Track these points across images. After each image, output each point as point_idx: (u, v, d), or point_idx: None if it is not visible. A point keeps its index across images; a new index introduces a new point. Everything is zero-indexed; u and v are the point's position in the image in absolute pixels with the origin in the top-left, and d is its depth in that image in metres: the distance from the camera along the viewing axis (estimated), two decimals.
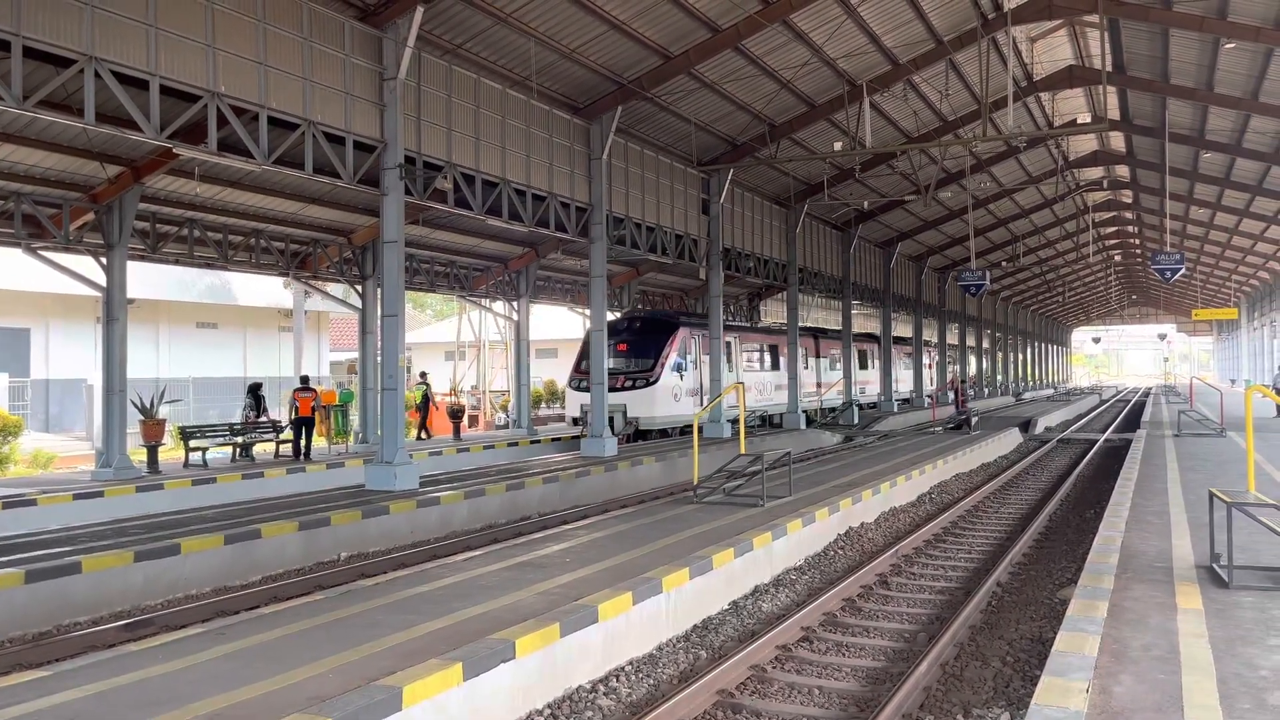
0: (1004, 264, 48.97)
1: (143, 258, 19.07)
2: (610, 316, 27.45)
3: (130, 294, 17.45)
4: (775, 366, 31.23)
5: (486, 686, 6.12)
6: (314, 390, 20.76)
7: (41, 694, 5.55)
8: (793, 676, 7.44)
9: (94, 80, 10.90)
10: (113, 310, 16.81)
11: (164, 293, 28.86)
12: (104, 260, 16.99)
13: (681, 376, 25.33)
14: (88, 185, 16.85)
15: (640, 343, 25.30)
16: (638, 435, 24.70)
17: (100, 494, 14.73)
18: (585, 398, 23.43)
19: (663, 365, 24.60)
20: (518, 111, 18.01)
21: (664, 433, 25.64)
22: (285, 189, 19.67)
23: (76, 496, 14.41)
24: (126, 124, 11.66)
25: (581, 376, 24.97)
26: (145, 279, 25.29)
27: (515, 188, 17.90)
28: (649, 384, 24.46)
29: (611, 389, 23.17)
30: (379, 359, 16.73)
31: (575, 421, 25.26)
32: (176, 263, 20.29)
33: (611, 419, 22.98)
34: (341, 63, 14.11)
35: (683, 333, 25.82)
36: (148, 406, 18.43)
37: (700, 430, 22.33)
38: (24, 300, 26.46)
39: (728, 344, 27.70)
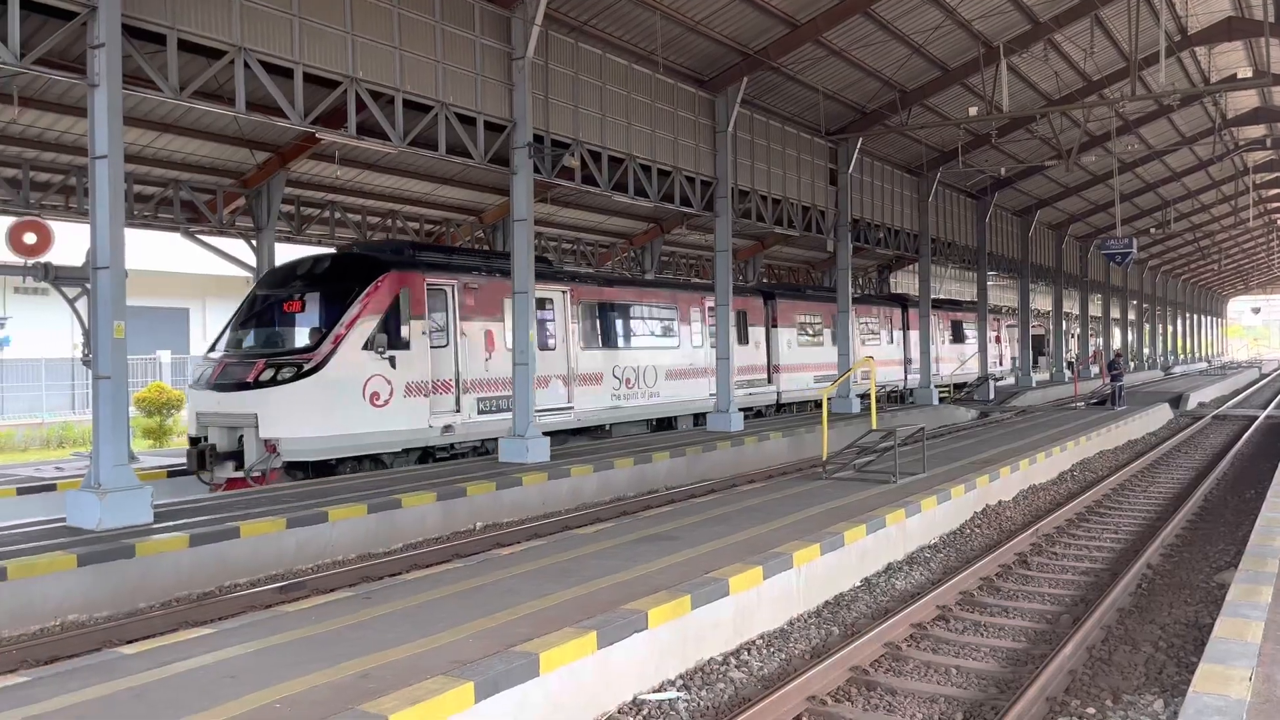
0: (1153, 231, 46.34)
1: (288, 239, 20.01)
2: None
3: None
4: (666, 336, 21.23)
5: (620, 655, 6.21)
6: None
7: (207, 650, 5.92)
8: (929, 655, 7.29)
9: (243, 70, 11.45)
10: None
11: None
12: (254, 242, 17.93)
13: (393, 361, 14.31)
14: (238, 171, 17.77)
15: (305, 301, 14.55)
16: (296, 468, 13.71)
17: None
18: (206, 401, 13.82)
19: (340, 340, 13.83)
20: (643, 86, 18.01)
21: (374, 460, 14.67)
22: (419, 170, 20.26)
23: None
24: (273, 111, 12.22)
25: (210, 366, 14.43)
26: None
27: (640, 163, 17.93)
28: (300, 374, 13.42)
29: (235, 385, 13.58)
30: None
31: (193, 443, 13.85)
32: (319, 243, 21.18)
33: (242, 442, 13.41)
34: (471, 44, 14.39)
35: (393, 280, 14.58)
36: None
37: (829, 405, 14.88)
38: (183, 282, 28.21)
39: (542, 299, 17.14)
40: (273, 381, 13.42)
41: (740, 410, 20.79)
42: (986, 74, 22.16)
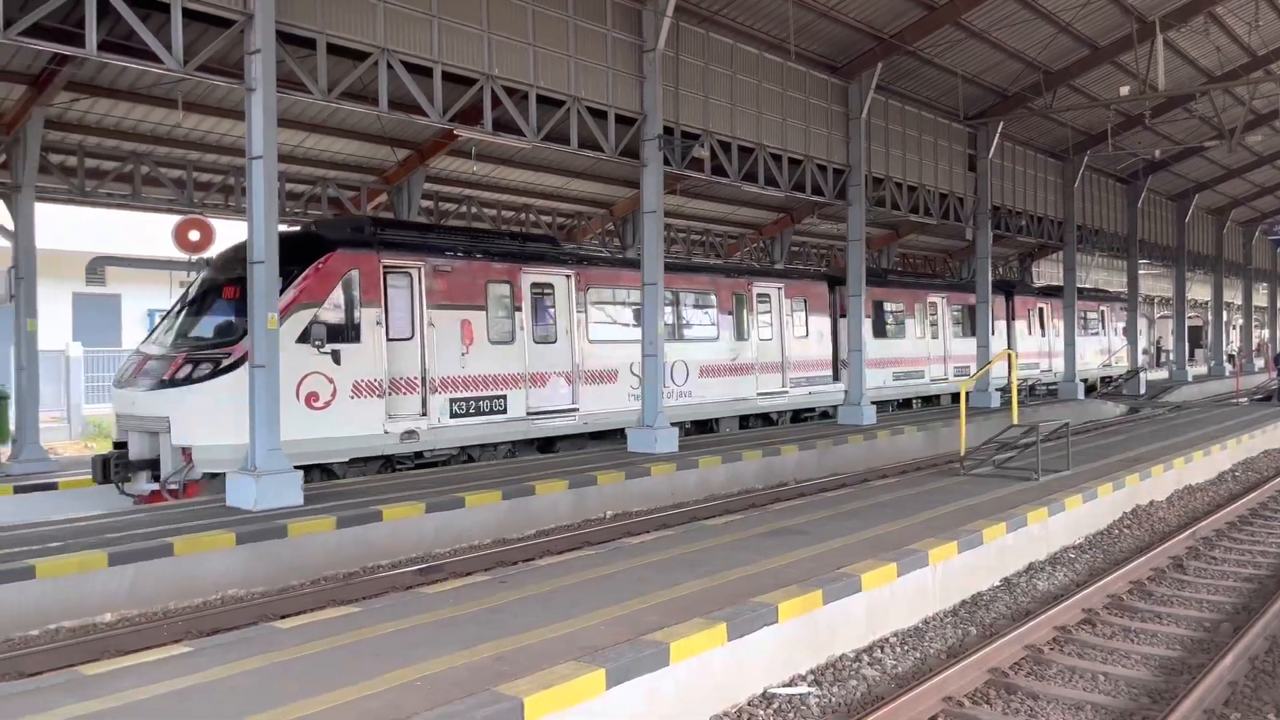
0: None
1: None
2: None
3: None
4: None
5: (749, 648, 6.18)
6: None
7: (354, 628, 6.18)
8: (1073, 660, 6.98)
9: (386, 71, 11.88)
10: None
11: None
12: None
13: (336, 357, 12.44)
14: (380, 169, 18.48)
15: (240, 287, 11.73)
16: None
17: None
18: (124, 401, 12.22)
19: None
20: (773, 75, 17.80)
21: (324, 470, 12.62)
22: (551, 164, 20.60)
23: None
24: (413, 110, 12.63)
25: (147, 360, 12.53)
26: None
27: (771, 152, 17.74)
28: (216, 371, 11.64)
29: (152, 383, 11.87)
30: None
31: (117, 448, 12.27)
32: None
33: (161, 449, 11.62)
34: (603, 38, 14.52)
35: (338, 262, 12.65)
36: None
37: (967, 399, 13.73)
38: None
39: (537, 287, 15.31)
40: (188, 380, 11.61)
41: (791, 411, 19.99)
42: (1140, 51, 20.96)
